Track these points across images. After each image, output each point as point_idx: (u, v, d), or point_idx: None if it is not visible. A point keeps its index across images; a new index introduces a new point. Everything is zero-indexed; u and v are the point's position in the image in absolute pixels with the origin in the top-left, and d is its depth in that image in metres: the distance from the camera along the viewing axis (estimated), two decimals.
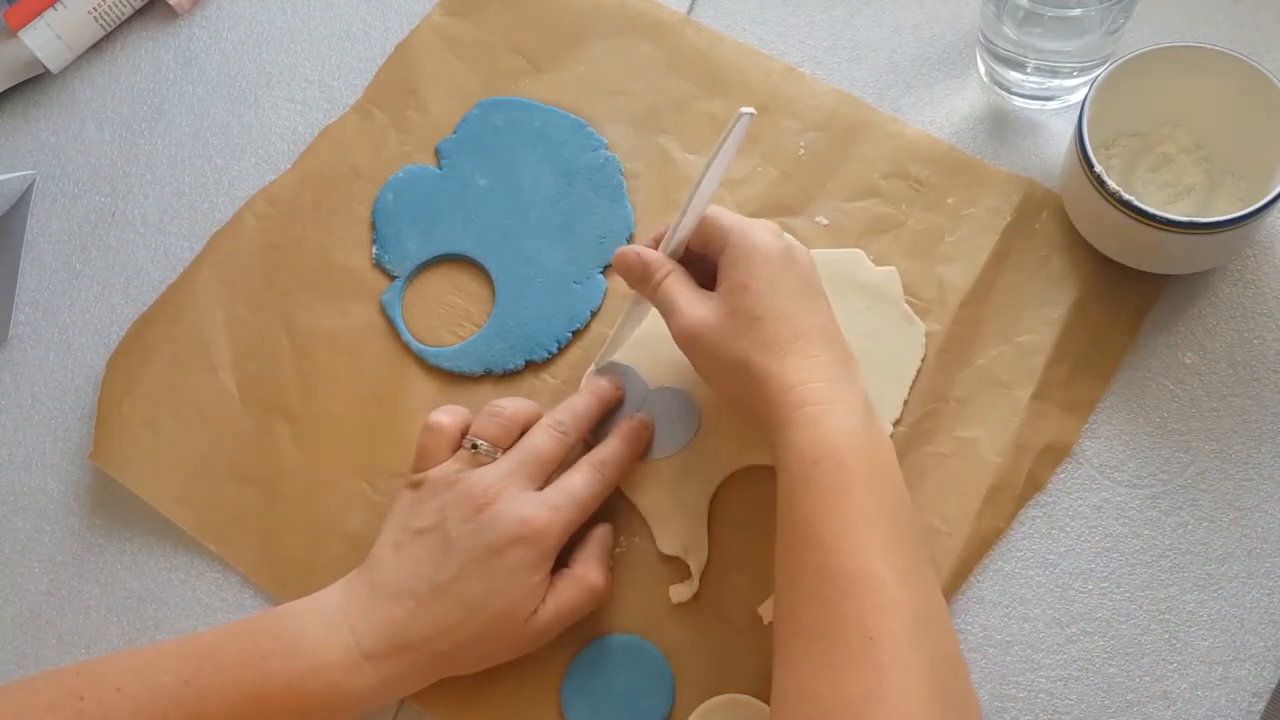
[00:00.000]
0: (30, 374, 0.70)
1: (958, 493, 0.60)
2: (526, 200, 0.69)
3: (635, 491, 0.62)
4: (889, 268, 0.65)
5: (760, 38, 0.73)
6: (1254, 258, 0.64)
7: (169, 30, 0.78)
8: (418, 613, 0.55)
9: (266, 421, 0.66)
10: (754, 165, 0.69)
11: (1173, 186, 0.63)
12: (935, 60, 0.71)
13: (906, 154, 0.68)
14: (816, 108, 0.69)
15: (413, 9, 0.76)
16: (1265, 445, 0.61)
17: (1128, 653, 0.58)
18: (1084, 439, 0.62)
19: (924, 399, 0.62)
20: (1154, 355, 0.63)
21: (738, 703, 0.57)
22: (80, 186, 0.74)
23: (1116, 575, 0.59)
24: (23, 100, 0.77)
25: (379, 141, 0.72)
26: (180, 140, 0.75)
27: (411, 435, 0.62)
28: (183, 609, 0.64)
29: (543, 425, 0.59)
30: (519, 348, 0.66)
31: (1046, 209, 0.66)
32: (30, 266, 0.73)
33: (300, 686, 0.54)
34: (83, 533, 0.66)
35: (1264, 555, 0.59)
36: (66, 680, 0.54)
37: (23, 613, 0.65)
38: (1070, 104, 0.68)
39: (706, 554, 0.60)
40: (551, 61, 0.73)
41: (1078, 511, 0.61)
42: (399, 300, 0.68)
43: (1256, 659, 0.57)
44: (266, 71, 0.76)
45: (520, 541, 0.55)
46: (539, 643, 0.57)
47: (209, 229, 0.71)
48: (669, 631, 0.60)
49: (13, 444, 0.68)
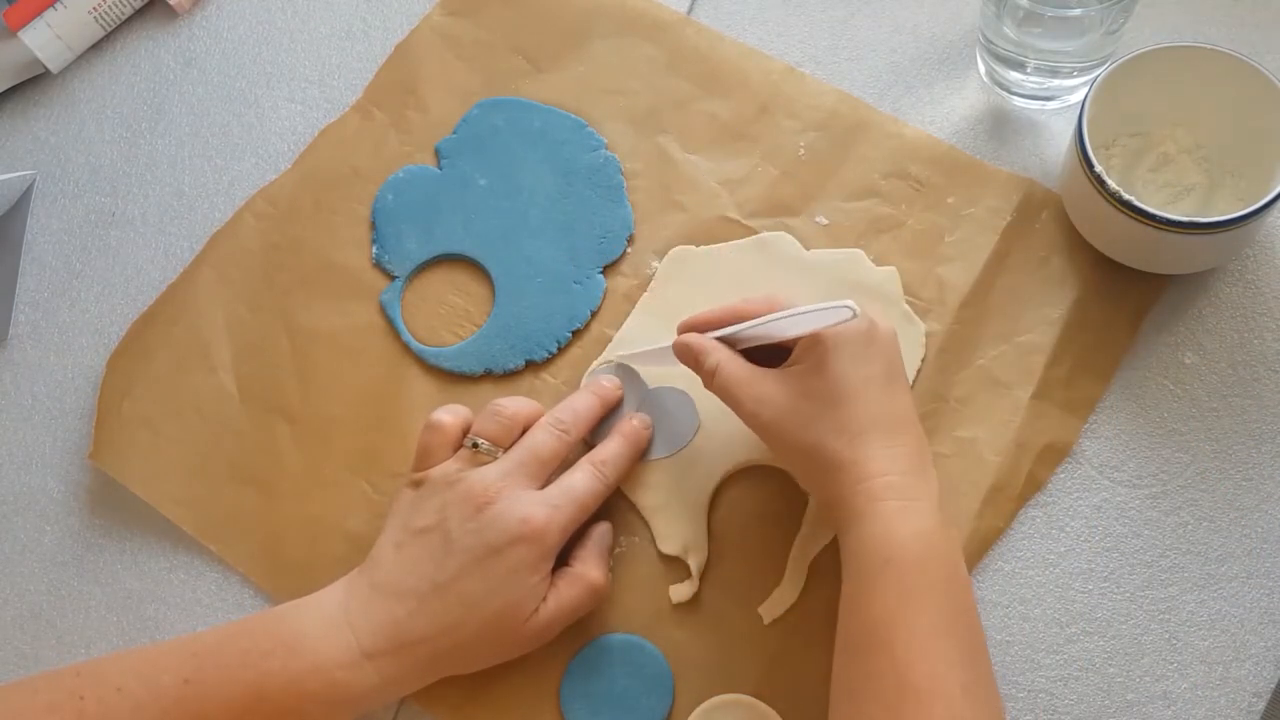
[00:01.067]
0: (30, 374, 0.70)
1: (958, 493, 0.60)
2: (526, 200, 0.69)
3: (635, 491, 0.62)
4: (889, 268, 0.65)
5: (760, 38, 0.73)
6: (1254, 258, 0.64)
7: (169, 30, 0.78)
8: (418, 612, 0.55)
9: (266, 421, 0.66)
10: (754, 165, 0.69)
11: (1173, 186, 0.63)
12: (935, 60, 0.71)
13: (906, 154, 0.68)
14: (816, 108, 0.69)
15: (413, 9, 0.76)
16: (1265, 445, 0.61)
17: (1128, 653, 0.58)
18: (1084, 439, 0.62)
19: (924, 399, 0.62)
20: (1154, 355, 0.63)
21: (738, 703, 0.57)
22: (80, 186, 0.74)
23: (1116, 575, 0.59)
24: (23, 100, 0.77)
25: (379, 141, 0.72)
26: (180, 140, 0.75)
27: (411, 435, 0.62)
28: (183, 609, 0.64)
29: (543, 424, 0.59)
30: (519, 347, 0.66)
31: (1046, 209, 0.66)
32: (30, 266, 0.73)
33: (301, 686, 0.54)
34: (83, 533, 0.66)
35: (1264, 555, 0.59)
36: (66, 680, 0.54)
37: (23, 613, 0.65)
38: (1070, 104, 0.68)
39: (706, 554, 0.60)
40: (551, 61, 0.73)
41: (1078, 511, 0.61)
42: (399, 300, 0.68)
43: (1256, 659, 0.57)
44: (266, 71, 0.76)
45: (521, 540, 0.55)
46: (539, 641, 0.57)
47: (209, 229, 0.71)
48: (669, 631, 0.59)
49: (13, 444, 0.68)
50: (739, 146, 0.69)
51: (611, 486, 0.60)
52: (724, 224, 0.67)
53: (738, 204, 0.68)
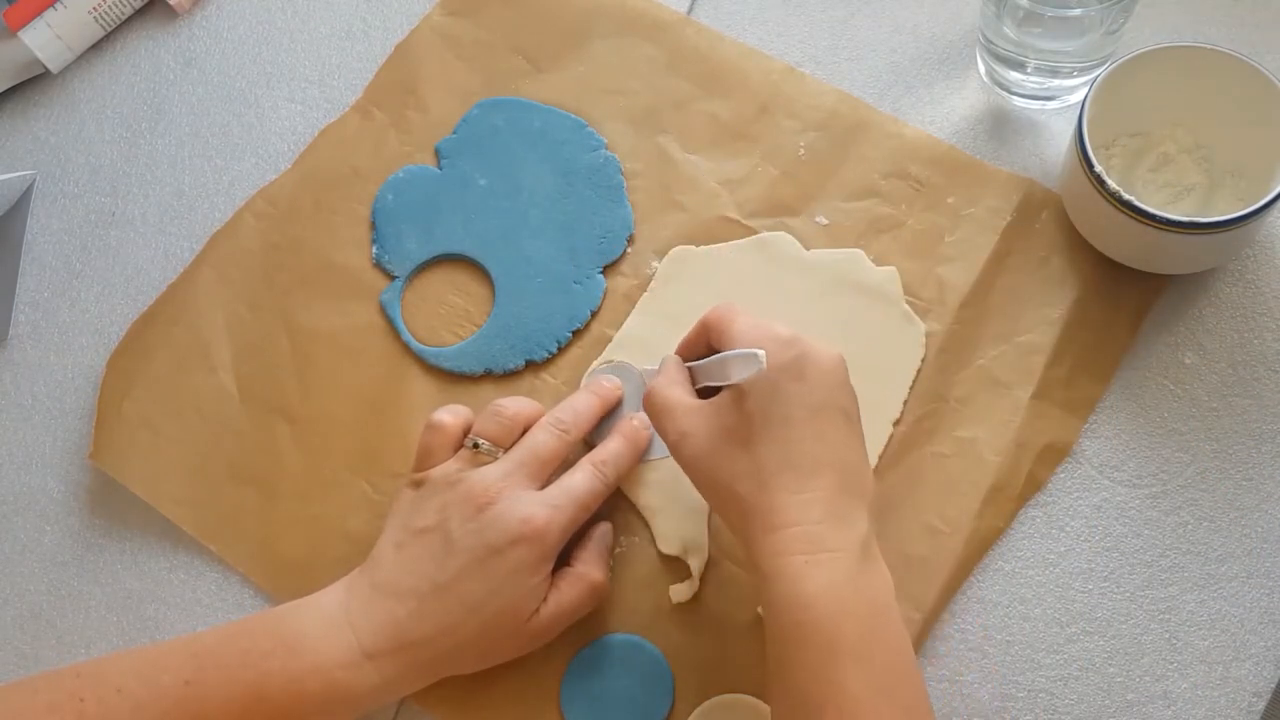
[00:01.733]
0: (30, 374, 0.70)
1: (958, 493, 0.60)
2: (526, 200, 0.69)
3: (635, 491, 0.62)
4: (889, 268, 0.65)
5: (760, 38, 0.73)
6: (1254, 258, 0.64)
7: (169, 30, 0.78)
8: (419, 612, 0.55)
9: (266, 421, 0.66)
10: (754, 165, 0.69)
11: (1173, 186, 0.63)
12: (935, 60, 0.71)
13: (906, 154, 0.68)
14: (816, 108, 0.69)
15: (413, 9, 0.76)
16: (1265, 445, 0.61)
17: (1128, 653, 0.58)
18: (1084, 439, 0.62)
19: (924, 399, 0.62)
20: (1154, 355, 0.63)
21: (738, 703, 0.57)
22: (80, 186, 0.74)
23: (1116, 575, 0.59)
24: (23, 100, 0.77)
25: (379, 141, 0.72)
26: (180, 140, 0.75)
27: (412, 435, 0.62)
28: (183, 609, 0.64)
29: (544, 424, 0.59)
30: (519, 348, 0.66)
31: (1046, 209, 0.66)
32: (30, 266, 0.73)
33: (301, 686, 0.54)
34: (83, 533, 0.66)
35: (1264, 555, 0.59)
36: (66, 681, 0.54)
37: (23, 613, 0.65)
38: (1070, 104, 0.68)
39: (706, 554, 0.60)
40: (551, 61, 0.73)
41: (1078, 511, 0.61)
42: (399, 300, 0.68)
43: (1256, 659, 0.57)
44: (266, 71, 0.76)
45: (521, 540, 0.55)
46: (540, 641, 0.57)
47: (209, 229, 0.71)
48: (669, 631, 0.59)
49: (13, 444, 0.68)
50: (739, 146, 0.69)
51: (612, 486, 0.60)
52: (724, 224, 0.67)
53: (738, 204, 0.68)
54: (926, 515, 0.60)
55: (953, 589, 0.59)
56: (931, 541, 0.59)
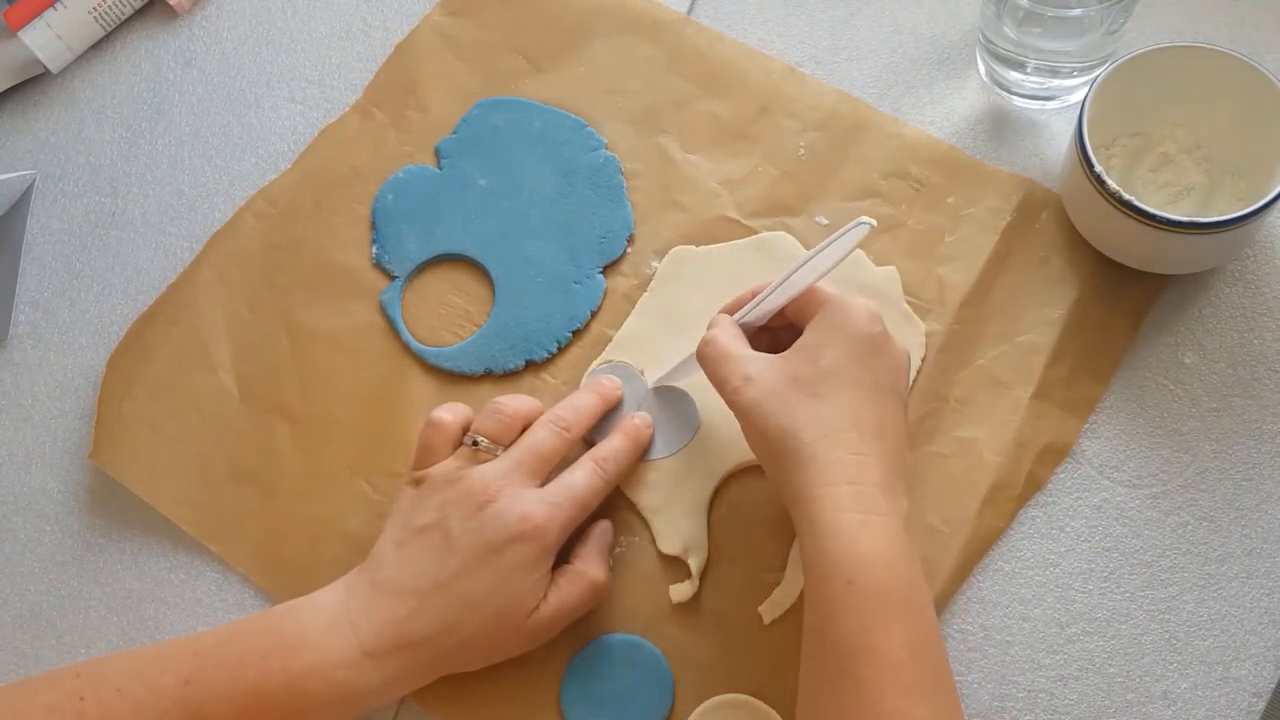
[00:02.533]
0: (30, 374, 0.70)
1: (958, 493, 0.60)
2: (526, 200, 0.69)
3: (635, 491, 0.62)
4: (889, 268, 0.65)
5: (760, 38, 0.73)
6: (1254, 258, 0.64)
7: (169, 30, 0.78)
8: (419, 610, 0.55)
9: (266, 421, 0.66)
10: (754, 165, 0.69)
11: (1173, 186, 0.63)
12: (935, 60, 0.71)
13: (906, 154, 0.68)
14: (816, 108, 0.69)
15: (413, 9, 0.76)
16: (1265, 445, 0.61)
17: (1128, 653, 0.58)
18: (1084, 439, 0.62)
19: (924, 399, 0.62)
20: (1154, 355, 0.63)
21: (738, 703, 0.57)
22: (80, 186, 0.74)
23: (1116, 575, 0.59)
24: (23, 100, 0.77)
25: (379, 141, 0.72)
26: (180, 140, 0.75)
27: (412, 435, 0.62)
28: (183, 609, 0.64)
29: (544, 422, 0.59)
30: (519, 348, 0.66)
31: (1046, 209, 0.66)
32: (30, 266, 0.73)
33: (301, 685, 0.54)
34: (83, 533, 0.66)
35: (1264, 555, 0.59)
36: (67, 681, 0.54)
37: (23, 613, 0.65)
38: (1070, 104, 0.68)
39: (706, 554, 0.60)
40: (551, 61, 0.73)
41: (1078, 511, 0.61)
42: (399, 300, 0.68)
43: (1256, 659, 0.57)
44: (266, 71, 0.76)
45: (521, 538, 0.55)
46: (540, 639, 0.57)
47: (209, 229, 0.71)
48: (669, 631, 0.59)
49: (13, 444, 0.68)
50: (739, 146, 0.69)
51: (612, 484, 0.60)
52: (724, 224, 0.67)
53: (738, 204, 0.68)
54: (926, 515, 0.60)
55: (953, 589, 0.59)
56: (931, 541, 0.59)
